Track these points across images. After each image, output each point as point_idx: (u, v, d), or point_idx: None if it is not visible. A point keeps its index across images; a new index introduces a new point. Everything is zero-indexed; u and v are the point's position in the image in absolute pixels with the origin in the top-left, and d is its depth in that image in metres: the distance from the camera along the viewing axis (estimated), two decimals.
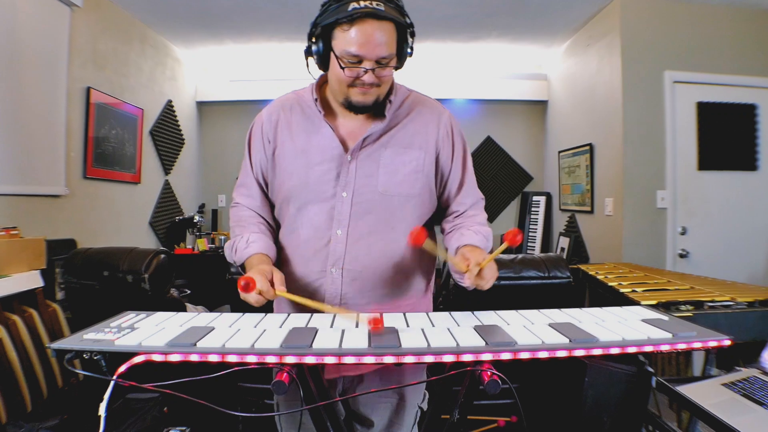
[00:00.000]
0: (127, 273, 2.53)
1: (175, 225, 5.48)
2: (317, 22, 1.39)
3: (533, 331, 1.09)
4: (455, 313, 1.26)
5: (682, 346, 1.06)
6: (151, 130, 5.05)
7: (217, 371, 0.99)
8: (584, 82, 5.01)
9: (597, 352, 1.02)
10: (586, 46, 4.90)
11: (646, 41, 4.19)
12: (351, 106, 1.43)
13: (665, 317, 1.21)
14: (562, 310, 1.27)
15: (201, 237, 5.56)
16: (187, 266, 4.99)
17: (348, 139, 1.50)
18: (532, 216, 6.02)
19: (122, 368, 0.95)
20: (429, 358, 0.98)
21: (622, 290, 2.67)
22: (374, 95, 1.41)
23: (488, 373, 0.99)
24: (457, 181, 1.58)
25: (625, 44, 4.17)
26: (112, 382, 0.94)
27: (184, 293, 4.32)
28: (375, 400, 1.54)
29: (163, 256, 2.62)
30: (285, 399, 1.56)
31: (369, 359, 0.97)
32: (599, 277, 3.07)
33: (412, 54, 1.46)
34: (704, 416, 1.73)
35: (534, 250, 5.94)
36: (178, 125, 5.67)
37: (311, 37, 1.42)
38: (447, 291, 2.49)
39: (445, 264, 2.47)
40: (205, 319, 1.21)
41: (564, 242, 5.34)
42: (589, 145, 4.80)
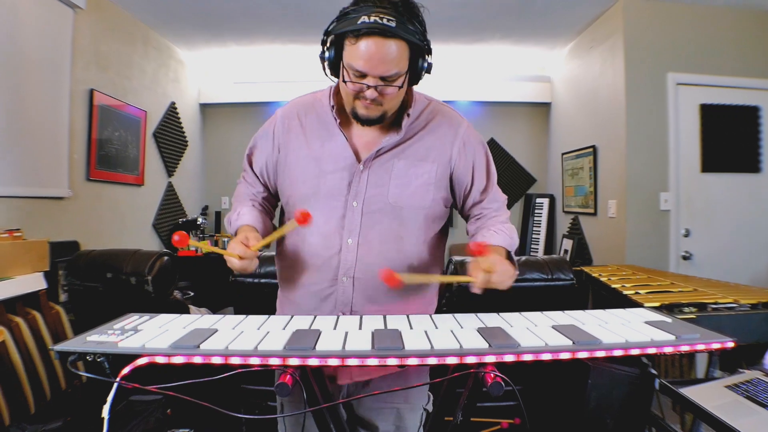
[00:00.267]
0: (131, 275, 2.53)
1: (178, 227, 5.47)
2: (330, 30, 1.35)
3: (536, 333, 1.08)
4: (458, 315, 1.25)
5: (685, 348, 1.06)
6: (154, 132, 5.06)
7: (221, 373, 0.99)
8: (587, 84, 5.01)
9: (600, 354, 1.02)
10: (589, 49, 4.90)
11: (649, 43, 4.18)
12: (357, 117, 1.41)
13: (668, 319, 1.21)
14: (566, 312, 1.27)
15: (204, 239, 5.56)
16: (191, 268, 4.99)
17: (361, 149, 1.49)
18: (536, 218, 6.02)
19: (125, 370, 0.95)
20: (432, 360, 0.98)
21: (626, 292, 2.66)
22: (378, 111, 1.38)
23: (491, 375, 0.98)
24: (481, 189, 1.58)
25: (628, 46, 4.16)
26: (115, 384, 0.94)
27: (187, 295, 4.32)
28: (380, 405, 1.54)
29: (166, 258, 2.62)
30: (288, 401, 1.56)
31: (372, 361, 0.97)
32: (602, 279, 3.07)
33: (429, 70, 1.42)
34: (707, 418, 1.73)
35: (537, 252, 5.93)
36: (182, 127, 5.68)
37: (324, 42, 1.39)
38: (450, 293, 2.48)
39: (448, 265, 2.47)
40: (208, 321, 1.21)
41: (567, 244, 5.33)
42: (593, 147, 4.80)
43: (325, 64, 1.41)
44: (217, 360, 0.97)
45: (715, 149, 4.22)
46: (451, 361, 0.98)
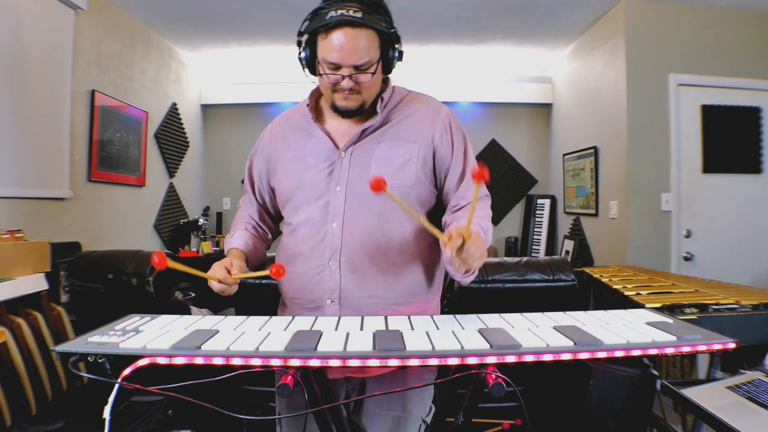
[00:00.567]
0: (132, 276, 2.53)
1: (179, 228, 5.49)
2: (302, 30, 1.43)
3: (538, 333, 1.08)
4: (460, 316, 1.26)
5: (686, 349, 1.06)
6: (155, 133, 5.06)
7: (222, 374, 0.99)
8: (589, 85, 5.01)
9: (601, 355, 1.02)
10: (590, 49, 4.90)
11: (651, 44, 4.18)
12: (337, 109, 1.48)
13: (670, 320, 1.21)
14: (567, 313, 1.27)
15: (205, 240, 5.57)
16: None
17: (340, 140, 1.53)
18: (537, 219, 6.02)
19: (127, 371, 0.95)
20: (433, 361, 0.98)
21: (627, 293, 2.66)
22: (356, 101, 1.44)
23: (493, 375, 0.99)
24: (458, 174, 1.56)
25: (630, 47, 4.16)
26: (116, 385, 0.95)
27: (188, 296, 4.32)
28: (377, 411, 1.53)
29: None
30: (288, 403, 1.56)
31: (374, 362, 0.97)
32: (604, 279, 3.07)
33: (401, 58, 1.48)
34: (709, 419, 1.73)
35: (538, 253, 5.93)
36: (183, 128, 5.68)
37: (299, 44, 1.46)
38: (452, 294, 2.49)
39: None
40: (209, 321, 1.22)
41: (568, 245, 5.33)
42: (594, 148, 4.80)
43: (303, 64, 1.48)
44: (218, 361, 0.97)
45: (716, 150, 4.21)
46: (453, 362, 0.98)
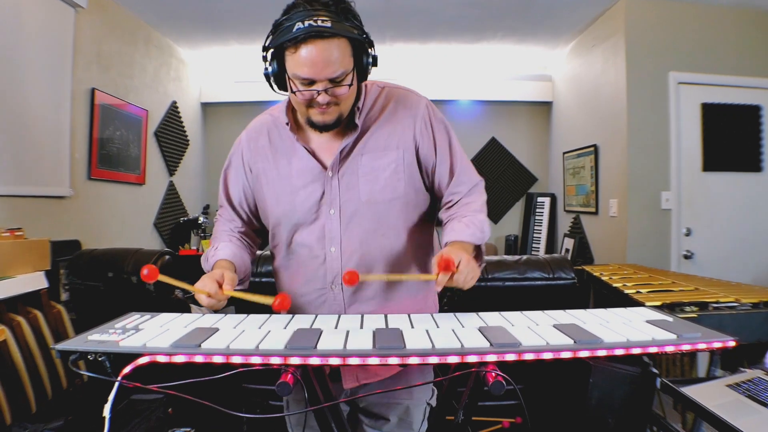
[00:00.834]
0: (132, 274, 2.53)
1: (179, 226, 5.49)
2: (267, 44, 1.32)
3: (538, 332, 1.08)
4: (460, 315, 1.25)
5: (686, 348, 1.06)
6: (155, 131, 5.06)
7: (222, 372, 0.99)
8: (589, 83, 5.01)
9: (601, 353, 1.02)
10: (590, 48, 4.90)
11: (651, 42, 4.18)
12: (314, 125, 1.39)
13: (670, 318, 1.21)
14: (567, 311, 1.27)
15: (205, 238, 5.56)
16: (192, 267, 4.97)
17: (324, 156, 1.47)
18: (537, 217, 6.02)
19: (127, 369, 0.95)
20: (433, 359, 0.98)
21: (627, 291, 2.66)
22: (334, 114, 1.35)
23: (493, 374, 0.98)
24: (447, 168, 1.52)
25: (630, 45, 4.16)
26: (116, 383, 0.95)
27: (188, 294, 4.32)
28: (385, 400, 1.54)
29: (167, 257, 2.63)
30: (293, 398, 1.57)
31: (374, 360, 0.97)
32: (604, 278, 3.07)
33: (375, 63, 1.37)
34: (709, 417, 1.73)
35: (538, 251, 5.93)
36: (183, 126, 5.68)
37: (264, 59, 1.36)
38: (451, 292, 2.48)
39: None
40: (209, 320, 1.22)
41: (568, 243, 5.33)
42: (594, 146, 4.79)
43: (271, 81, 1.38)
44: (218, 359, 0.97)
45: (716, 148, 4.21)
46: (453, 360, 0.98)
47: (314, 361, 0.97)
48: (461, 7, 4.41)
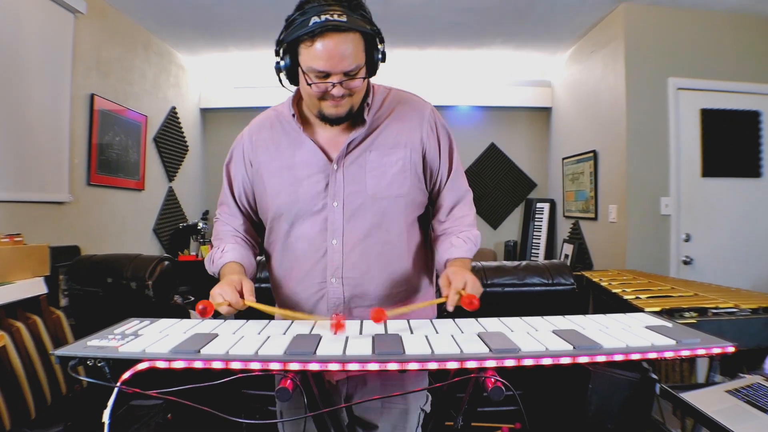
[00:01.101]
0: (131, 280, 2.53)
1: (178, 232, 5.49)
2: (281, 39, 1.36)
3: (537, 337, 1.08)
4: (459, 320, 1.25)
5: (685, 353, 1.06)
6: (154, 137, 5.07)
7: (221, 378, 0.98)
8: (588, 89, 5.02)
9: (601, 358, 1.02)
10: (590, 53, 4.91)
11: (650, 48, 4.19)
12: (325, 118, 1.42)
13: (669, 324, 1.21)
14: (566, 317, 1.27)
15: (205, 244, 5.56)
16: (191, 273, 4.97)
17: (330, 149, 1.49)
18: (536, 223, 6.02)
19: (126, 375, 0.95)
20: (433, 365, 0.98)
21: (626, 297, 2.66)
22: (347, 106, 1.39)
23: (492, 379, 0.98)
24: (445, 174, 1.57)
25: (629, 51, 4.17)
26: (116, 389, 0.95)
27: (187, 300, 4.32)
28: (378, 405, 1.54)
29: (167, 262, 2.63)
30: (287, 406, 1.56)
31: (373, 366, 0.97)
32: (603, 283, 3.07)
33: (384, 60, 1.42)
34: (708, 423, 1.73)
35: (538, 257, 5.93)
36: (182, 132, 5.69)
37: (277, 53, 1.41)
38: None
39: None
40: (208, 325, 1.21)
41: (568, 249, 5.33)
42: (593, 151, 4.80)
43: (282, 75, 1.42)
44: (217, 365, 0.97)
45: (715, 154, 4.22)
46: (452, 365, 0.98)
47: (313, 366, 0.97)
48: (460, 12, 4.43)
